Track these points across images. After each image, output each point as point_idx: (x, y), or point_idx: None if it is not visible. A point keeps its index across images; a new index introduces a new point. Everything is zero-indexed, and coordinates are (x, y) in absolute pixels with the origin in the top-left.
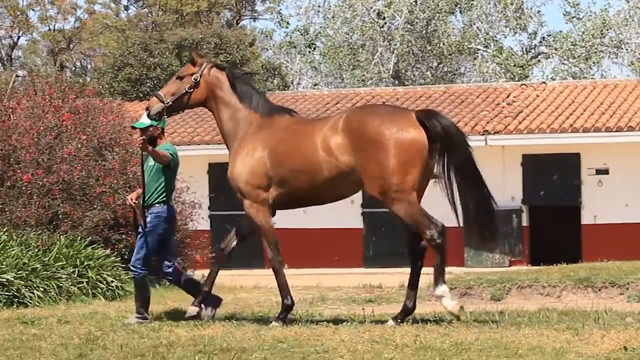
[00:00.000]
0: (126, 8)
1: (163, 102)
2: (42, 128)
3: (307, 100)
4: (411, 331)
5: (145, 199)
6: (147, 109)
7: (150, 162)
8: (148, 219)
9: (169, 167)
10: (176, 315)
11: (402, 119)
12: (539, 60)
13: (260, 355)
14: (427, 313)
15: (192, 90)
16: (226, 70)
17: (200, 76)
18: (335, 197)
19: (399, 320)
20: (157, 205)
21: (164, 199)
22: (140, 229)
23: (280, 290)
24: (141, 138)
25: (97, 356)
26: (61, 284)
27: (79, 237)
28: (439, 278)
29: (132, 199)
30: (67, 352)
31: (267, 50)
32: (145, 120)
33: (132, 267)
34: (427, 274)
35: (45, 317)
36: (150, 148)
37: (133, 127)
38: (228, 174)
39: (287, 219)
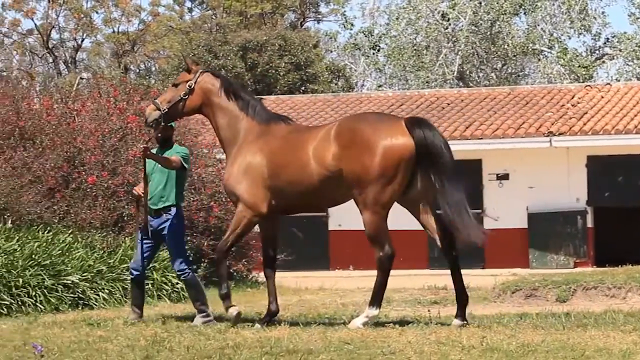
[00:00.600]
0: (190, 10)
1: (159, 109)
2: (107, 130)
3: (372, 102)
4: (478, 333)
5: (163, 200)
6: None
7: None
8: (171, 222)
9: (185, 169)
10: (242, 316)
11: (392, 127)
12: (603, 62)
13: (327, 357)
14: (493, 314)
15: (186, 97)
16: (220, 77)
17: (195, 83)
18: (332, 204)
19: (465, 321)
20: (175, 207)
21: (181, 201)
22: (141, 226)
23: (219, 280)
24: (143, 146)
25: (163, 358)
26: (126, 286)
27: None
28: (374, 300)
29: (139, 192)
30: (134, 354)
31: (332, 52)
32: None
33: (179, 273)
34: (492, 275)
35: (110, 318)
36: (155, 155)
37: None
38: (224, 179)
39: (354, 221)
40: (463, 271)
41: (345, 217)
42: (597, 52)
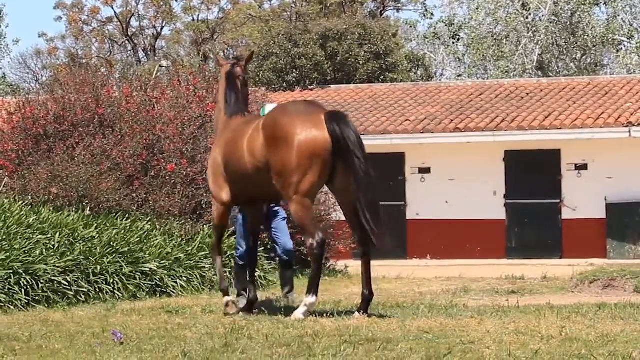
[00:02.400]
0: None
1: None
2: (186, 118)
3: (451, 92)
4: (557, 323)
5: None
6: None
7: None
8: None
9: None
10: (320, 305)
11: (308, 120)
12: None
13: (406, 346)
14: (571, 304)
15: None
16: (227, 67)
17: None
18: (278, 197)
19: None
20: None
21: None
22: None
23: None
24: None
25: (242, 346)
26: (204, 274)
27: None
28: (311, 288)
29: None
30: (213, 342)
31: (411, 41)
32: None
33: (289, 252)
34: (569, 265)
35: (189, 306)
36: None
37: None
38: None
39: (431, 210)
40: (541, 261)
41: (423, 206)
42: None
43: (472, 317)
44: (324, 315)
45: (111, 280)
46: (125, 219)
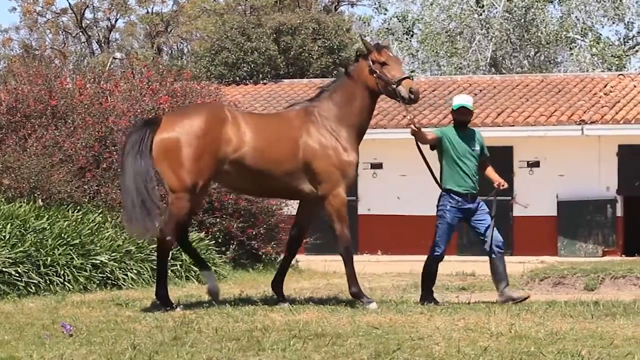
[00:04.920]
0: None
1: None
2: (139, 111)
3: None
4: (506, 320)
5: (476, 186)
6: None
7: (475, 146)
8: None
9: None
10: (271, 300)
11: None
12: (636, 51)
13: (355, 341)
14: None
15: None
16: None
17: None
18: None
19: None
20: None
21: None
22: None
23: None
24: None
25: (191, 339)
26: (155, 267)
27: None
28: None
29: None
30: (162, 335)
31: (365, 36)
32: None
33: (500, 245)
34: (520, 262)
35: (139, 299)
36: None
37: (462, 108)
38: None
39: (383, 206)
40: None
41: (375, 201)
42: (630, 41)
43: (422, 314)
44: (274, 309)
45: (62, 272)
46: (76, 211)
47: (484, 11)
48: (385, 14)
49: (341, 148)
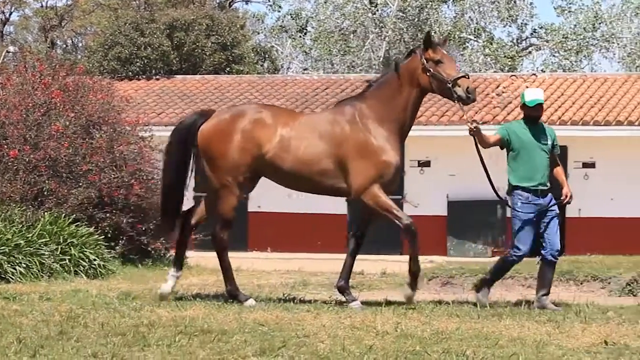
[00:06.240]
0: None
1: None
2: (31, 104)
3: (297, 85)
4: (392, 319)
5: (547, 181)
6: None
7: (547, 141)
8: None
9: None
10: (158, 296)
11: None
12: (529, 52)
13: (241, 338)
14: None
15: None
16: None
17: None
18: None
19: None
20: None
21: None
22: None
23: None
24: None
25: (77, 334)
26: (44, 261)
27: (63, 215)
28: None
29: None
30: (48, 329)
31: (258, 33)
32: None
33: (557, 253)
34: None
35: (27, 293)
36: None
37: (534, 104)
38: None
39: (273, 203)
40: (381, 256)
41: (265, 199)
42: (523, 42)
43: (309, 311)
44: (160, 305)
45: None
46: None
47: (377, 10)
48: (279, 12)
49: (378, 148)
